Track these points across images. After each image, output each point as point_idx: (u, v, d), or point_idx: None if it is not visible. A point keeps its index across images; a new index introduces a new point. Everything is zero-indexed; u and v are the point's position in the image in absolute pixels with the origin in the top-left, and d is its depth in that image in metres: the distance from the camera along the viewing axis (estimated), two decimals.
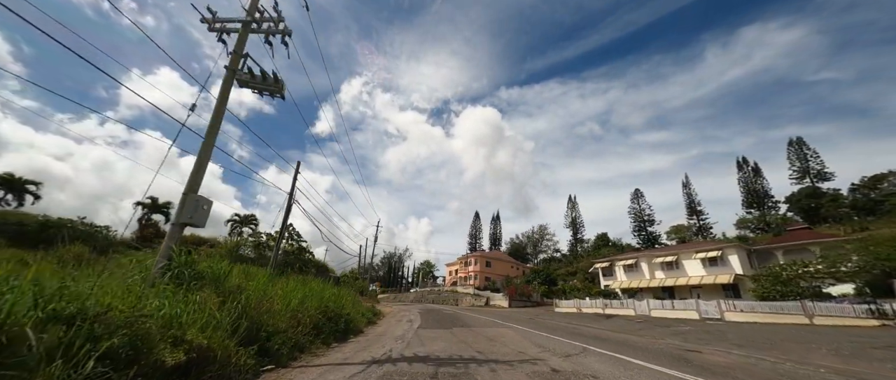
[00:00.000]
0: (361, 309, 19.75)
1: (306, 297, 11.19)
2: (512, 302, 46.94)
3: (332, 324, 11.72)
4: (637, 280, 38.52)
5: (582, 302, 36.64)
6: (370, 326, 17.00)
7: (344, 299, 14.85)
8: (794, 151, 68.62)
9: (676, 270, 36.07)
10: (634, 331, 18.00)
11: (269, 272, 15.89)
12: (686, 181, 78.71)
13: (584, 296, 40.80)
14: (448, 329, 15.23)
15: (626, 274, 40.45)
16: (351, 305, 16.74)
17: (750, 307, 24.09)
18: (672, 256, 36.36)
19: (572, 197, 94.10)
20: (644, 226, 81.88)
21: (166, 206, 27.93)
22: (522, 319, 23.68)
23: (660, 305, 29.45)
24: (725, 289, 32.12)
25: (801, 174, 66.87)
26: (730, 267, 32.11)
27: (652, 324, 22.50)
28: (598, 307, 34.31)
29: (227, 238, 24.53)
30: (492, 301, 50.52)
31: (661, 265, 37.61)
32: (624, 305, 32.31)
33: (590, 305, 35.36)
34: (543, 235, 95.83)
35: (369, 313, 19.84)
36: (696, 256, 34.19)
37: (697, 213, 75.68)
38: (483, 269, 65.26)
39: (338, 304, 13.42)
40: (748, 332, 17.50)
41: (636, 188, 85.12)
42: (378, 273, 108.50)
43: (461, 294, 57.11)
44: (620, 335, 15.43)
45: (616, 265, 41.88)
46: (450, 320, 20.01)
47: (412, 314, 24.83)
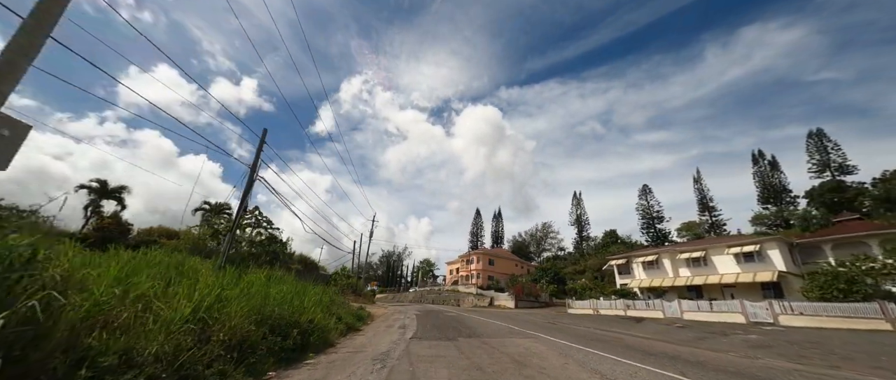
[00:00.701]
0: (344, 312, 15.64)
1: (231, 299, 7.06)
2: (518, 302, 42.78)
3: (279, 338, 7.61)
4: (659, 278, 34.35)
5: (599, 303, 32.46)
6: (350, 335, 12.86)
7: (308, 301, 10.72)
8: (813, 143, 64.40)
9: (705, 268, 31.92)
10: (691, 341, 13.85)
11: (218, 266, 11.82)
12: (697, 176, 74.68)
13: (599, 296, 36.67)
14: (452, 341, 11.09)
15: (646, 272, 36.27)
16: (323, 307, 12.62)
17: (812, 310, 19.92)
18: (700, 252, 32.22)
19: (577, 194, 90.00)
20: (653, 223, 77.75)
21: (120, 191, 23.56)
22: (540, 323, 19.53)
23: (693, 306, 25.27)
24: (765, 288, 27.97)
25: (820, 168, 62.64)
26: (770, 263, 27.95)
27: (697, 330, 18.36)
28: (619, 309, 30.13)
29: (189, 229, 20.50)
30: (496, 301, 46.36)
31: (687, 262, 33.45)
32: (649, 306, 28.14)
33: (609, 306, 31.18)
34: (547, 232, 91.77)
35: (352, 318, 15.70)
36: (730, 252, 30.04)
37: (710, 209, 71.55)
38: (486, 267, 61.10)
39: (294, 307, 9.31)
40: (836, 341, 13.35)
41: (645, 184, 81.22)
42: (376, 272, 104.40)
43: (463, 294, 52.93)
44: (685, 348, 11.29)
45: (634, 262, 37.71)
46: (453, 326, 15.88)
47: (407, 317, 20.71)
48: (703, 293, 31.55)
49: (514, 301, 42.75)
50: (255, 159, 15.28)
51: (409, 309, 31.83)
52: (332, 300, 16.39)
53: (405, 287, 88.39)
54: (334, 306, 15.36)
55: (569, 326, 18.64)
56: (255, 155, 15.39)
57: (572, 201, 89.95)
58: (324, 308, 13.00)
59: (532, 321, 20.69)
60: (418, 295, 64.92)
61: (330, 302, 15.45)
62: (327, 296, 15.41)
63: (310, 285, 17.73)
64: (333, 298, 17.31)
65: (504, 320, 21.18)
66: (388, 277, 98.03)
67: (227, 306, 6.71)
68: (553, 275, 49.20)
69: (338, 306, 16.77)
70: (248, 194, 14.59)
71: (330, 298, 15.74)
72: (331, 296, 16.80)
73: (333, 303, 16.41)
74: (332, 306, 15.02)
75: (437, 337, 11.95)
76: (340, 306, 17.20)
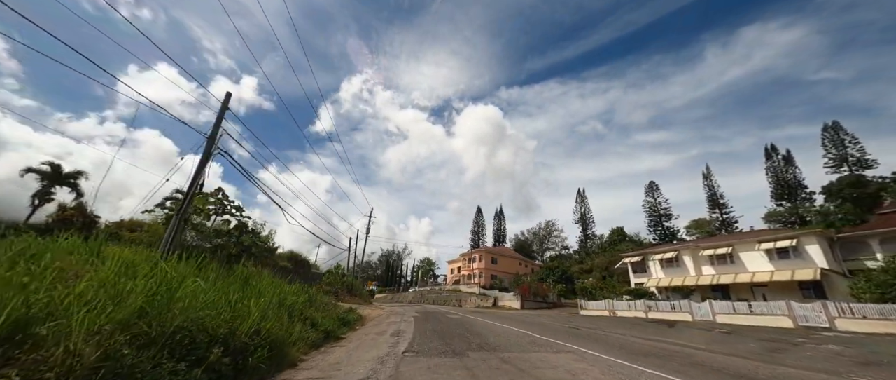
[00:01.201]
0: (324, 316, 12.62)
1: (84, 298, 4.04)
2: (524, 303, 39.72)
3: (184, 364, 4.59)
4: (680, 277, 31.29)
5: (615, 303, 29.41)
6: (326, 347, 9.83)
7: (261, 302, 7.68)
8: (829, 137, 61.33)
9: (732, 265, 28.85)
10: (762, 353, 10.80)
11: (159, 258, 8.81)
12: (707, 172, 71.60)
13: (613, 296, 33.63)
14: (459, 357, 8.05)
15: (665, 270, 33.22)
16: (289, 311, 9.63)
17: (877, 312, 16.87)
18: (725, 248, 29.16)
19: (581, 191, 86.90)
20: (660, 220, 74.68)
21: (75, 176, 20.42)
22: (560, 329, 16.49)
23: (727, 307, 22.22)
24: (803, 288, 24.90)
25: (837, 162, 59.56)
26: (809, 260, 24.88)
27: (747, 336, 15.33)
28: (639, 310, 27.06)
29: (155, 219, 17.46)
30: (500, 302, 43.29)
31: (711, 259, 30.39)
32: (675, 307, 25.07)
33: (627, 307, 28.12)
34: (551, 231, 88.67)
35: (335, 323, 12.65)
36: (761, 247, 26.97)
37: (720, 206, 68.48)
38: (488, 266, 58.02)
39: (236, 312, 6.30)
40: None
41: (651, 181, 77.99)
42: (376, 272, 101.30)
43: (465, 294, 49.85)
44: (766, 367, 8.26)
45: (651, 260, 34.65)
46: (458, 333, 12.84)
47: (404, 321, 17.68)
48: (730, 293, 28.49)
49: (521, 302, 39.69)
50: (214, 127, 12.27)
51: (407, 310, 28.80)
52: (310, 301, 13.37)
53: (405, 287, 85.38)
54: (311, 309, 12.34)
55: (596, 332, 15.57)
56: (216, 122, 12.39)
57: (576, 199, 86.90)
58: (292, 312, 9.99)
59: (549, 326, 17.63)
60: (418, 295, 61.86)
61: (306, 304, 12.44)
62: (303, 296, 12.38)
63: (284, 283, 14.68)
64: (315, 298, 14.29)
65: (516, 323, 18.13)
66: (387, 276, 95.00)
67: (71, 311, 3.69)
68: (561, 274, 46.11)
69: (319, 308, 13.77)
70: (203, 169, 11.58)
71: (307, 298, 12.70)
72: (309, 296, 13.78)
73: (312, 304, 13.41)
74: (309, 309, 12.01)
75: (439, 351, 8.92)
76: (323, 309, 14.19)
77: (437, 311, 29.05)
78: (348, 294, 39.70)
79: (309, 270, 36.25)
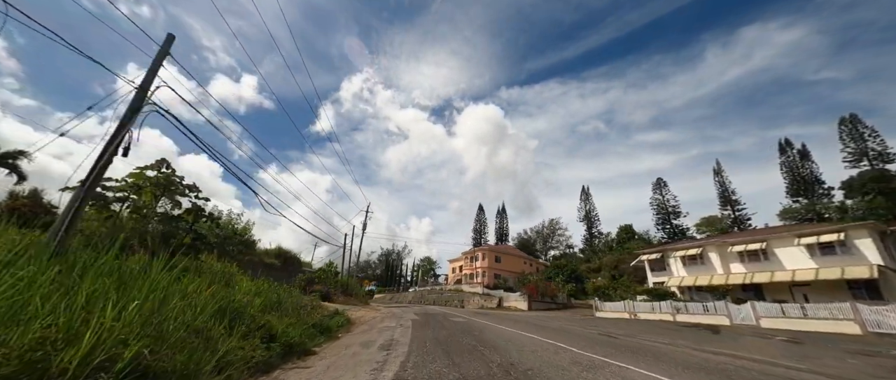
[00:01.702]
0: (289, 322, 9.55)
1: None
2: (532, 303, 36.65)
3: None
4: (705, 276, 28.21)
5: (636, 305, 26.33)
6: (281, 370, 6.77)
7: (104, 312, 4.61)
8: (847, 130, 58.21)
9: (766, 262, 25.77)
10: (885, 373, 7.75)
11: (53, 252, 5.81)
12: (718, 168, 68.53)
13: (630, 296, 30.57)
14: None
15: (687, 268, 30.13)
16: (207, 322, 6.61)
17: None
18: (758, 243, 26.08)
19: (585, 188, 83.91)
20: (668, 218, 71.57)
21: (14, 157, 17.18)
22: (589, 337, 13.44)
23: (773, 310, 19.15)
24: (853, 288, 21.82)
25: (856, 157, 56.46)
26: (860, 256, 21.80)
27: (816, 345, 12.28)
28: (665, 313, 23.99)
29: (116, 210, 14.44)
30: (506, 302, 40.22)
31: (741, 256, 27.31)
32: (707, 309, 21.99)
33: (650, 309, 25.04)
34: (554, 229, 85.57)
35: (305, 333, 9.57)
36: (802, 242, 23.89)
37: (732, 203, 65.40)
38: (492, 264, 54.91)
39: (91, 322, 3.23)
40: None
41: (659, 178, 74.93)
42: (375, 271, 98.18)
43: (467, 294, 46.77)
44: None
45: (671, 257, 31.55)
46: (467, 344, 9.77)
47: (401, 325, 14.60)
48: (764, 294, 25.40)
49: (528, 302, 36.60)
50: (148, 72, 9.24)
51: (406, 312, 25.74)
52: (275, 303, 10.34)
53: (405, 287, 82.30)
54: (273, 315, 9.30)
55: (635, 340, 12.50)
56: (150, 67, 9.36)
57: (581, 197, 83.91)
58: (238, 319, 6.97)
59: (575, 333, 14.56)
60: (418, 295, 58.77)
61: (266, 306, 9.41)
62: (259, 298, 9.34)
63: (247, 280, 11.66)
64: (284, 299, 11.23)
65: (534, 329, 15.06)
66: (387, 276, 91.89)
67: None
68: (570, 273, 42.99)
69: (289, 311, 10.72)
70: (125, 128, 8.54)
71: (265, 300, 9.65)
72: (278, 297, 10.75)
73: (278, 308, 10.36)
74: (267, 315, 8.97)
75: (445, 377, 5.86)
76: (295, 312, 11.15)
77: (439, 313, 25.98)
78: (343, 294, 36.64)
79: (299, 267, 33.20)
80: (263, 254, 29.58)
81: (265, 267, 29.24)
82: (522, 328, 15.17)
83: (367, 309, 27.63)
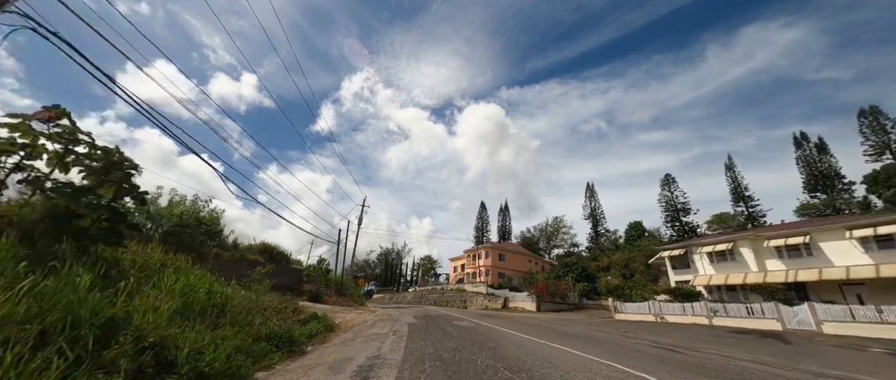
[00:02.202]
0: (233, 332, 6.45)
1: None
2: (541, 304, 33.48)
3: None
4: (738, 273, 25.03)
5: (663, 306, 23.19)
6: None
7: None
8: (867, 123, 55.00)
9: (810, 258, 22.59)
10: None
11: None
12: (730, 163, 65.30)
13: (651, 296, 27.45)
14: None
15: (715, 265, 26.94)
16: None
17: None
18: (800, 237, 22.92)
19: (590, 185, 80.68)
20: (677, 215, 68.29)
21: None
22: (636, 349, 10.30)
23: (839, 312, 15.99)
24: None
25: (879, 149, 53.28)
26: None
27: None
28: (700, 315, 20.85)
29: None
30: (512, 302, 37.04)
31: (779, 251, 24.15)
32: (752, 312, 18.85)
33: (681, 311, 21.90)
34: (559, 227, 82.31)
35: (243, 352, 6.45)
36: (854, 235, 20.76)
37: (745, 199, 62.14)
38: (496, 263, 51.72)
39: None
40: None
41: (667, 174, 71.75)
42: (374, 271, 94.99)
43: (470, 294, 43.59)
44: None
45: (696, 253, 28.35)
46: (483, 363, 6.66)
47: (394, 332, 11.49)
48: (809, 293, 22.24)
49: (537, 303, 33.43)
50: None
51: (403, 314, 22.62)
52: (213, 306, 7.26)
53: (404, 287, 79.21)
54: (199, 326, 6.19)
55: (712, 357, 9.34)
56: None
57: (585, 194, 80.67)
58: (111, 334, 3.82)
59: (615, 343, 11.42)
60: (418, 295, 55.61)
61: (184, 311, 6.31)
62: (174, 301, 6.25)
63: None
64: (229, 300, 8.12)
65: (555, 337, 11.94)
66: (386, 276, 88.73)
67: None
68: (581, 271, 39.78)
69: (234, 318, 7.62)
70: None
71: (182, 303, 6.54)
72: (208, 298, 7.65)
73: (222, 312, 7.26)
74: (196, 323, 5.86)
75: None
76: (242, 317, 8.04)
77: (441, 315, 22.86)
78: (337, 294, 33.55)
79: (287, 266, 30.04)
80: (246, 250, 26.46)
81: (249, 264, 26.23)
82: (547, 337, 12.02)
83: (360, 311, 24.51)
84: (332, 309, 20.73)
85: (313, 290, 27.39)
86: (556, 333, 13.76)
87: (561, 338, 11.88)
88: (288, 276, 30.09)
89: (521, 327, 15.94)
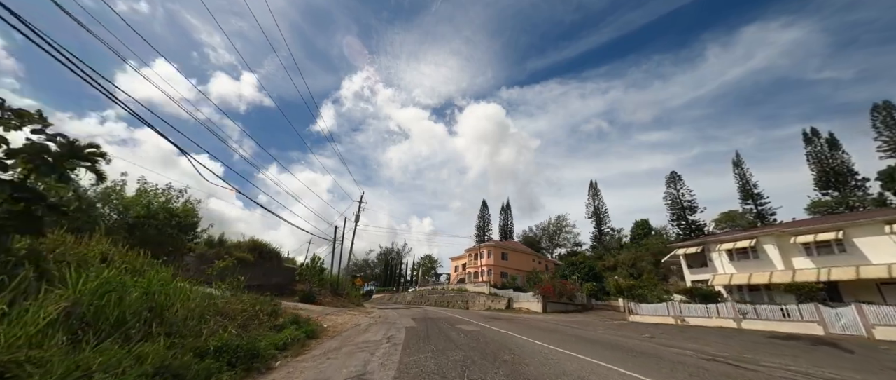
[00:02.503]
0: (180, 342, 4.58)
1: None
2: (548, 305, 31.61)
3: None
4: (762, 272, 23.12)
5: (683, 307, 21.32)
6: None
7: None
8: (881, 117, 53.08)
9: (844, 255, 20.68)
10: None
11: None
12: (738, 160, 63.47)
13: (666, 296, 25.62)
14: None
15: (736, 263, 25.05)
16: None
17: None
18: (832, 232, 21.05)
19: (593, 183, 78.72)
20: (683, 213, 66.33)
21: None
22: (677, 360, 8.44)
23: (894, 315, 14.11)
24: None
25: (893, 145, 51.33)
26: None
27: None
28: (726, 318, 18.99)
29: None
30: (516, 303, 35.18)
31: (806, 247, 22.27)
32: (787, 314, 16.96)
33: (704, 313, 20.04)
34: (561, 226, 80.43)
35: (174, 373, 4.59)
36: (895, 230, 18.88)
37: (754, 197, 60.22)
38: (498, 262, 49.83)
39: None
40: None
41: (673, 171, 70.08)
42: (374, 271, 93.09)
43: (472, 294, 41.73)
44: None
45: (715, 251, 26.45)
46: None
47: (388, 340, 9.62)
48: (841, 293, 20.37)
49: (543, 303, 31.56)
50: None
51: (401, 317, 20.79)
52: (152, 309, 5.37)
53: (404, 287, 77.37)
54: (143, 328, 4.30)
55: (777, 373, 7.49)
56: None
57: (589, 192, 78.72)
58: None
59: (654, 354, 9.54)
60: (418, 295, 53.74)
61: (94, 316, 4.40)
62: (53, 307, 4.36)
63: None
64: (173, 301, 6.28)
65: (587, 346, 10.07)
66: (386, 276, 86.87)
67: None
68: (588, 270, 37.89)
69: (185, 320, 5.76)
70: None
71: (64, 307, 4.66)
72: (144, 299, 5.77)
73: (160, 318, 5.39)
74: (135, 326, 3.97)
75: None
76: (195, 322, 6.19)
77: (442, 317, 21.03)
78: (333, 294, 31.67)
79: (279, 264, 28.22)
80: (234, 247, 24.66)
81: (236, 262, 24.33)
82: (568, 345, 10.15)
83: (355, 312, 22.64)
84: (324, 311, 18.89)
85: (306, 290, 25.54)
86: (576, 339, 11.89)
87: (586, 347, 10.00)
88: (280, 275, 28.24)
89: (533, 331, 14.07)
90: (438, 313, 24.97)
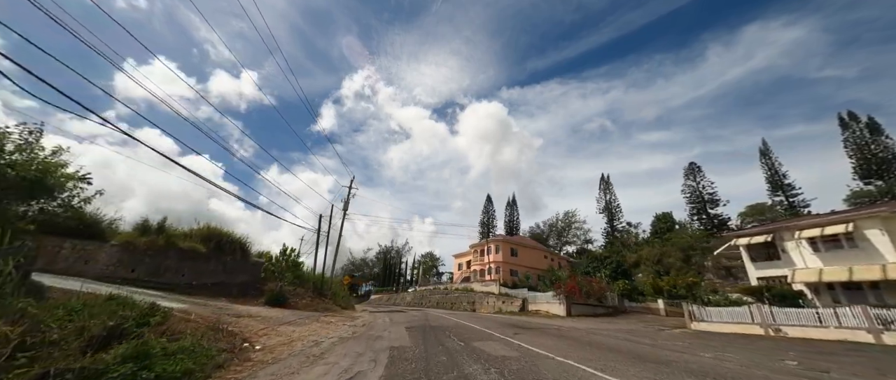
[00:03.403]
0: None
1: None
2: (571, 307, 25.89)
3: None
4: (867, 266, 17.37)
5: (779, 314, 15.57)
6: None
7: None
8: None
9: None
10: None
11: None
12: (765, 148, 57.65)
13: (722, 297, 19.96)
14: None
15: (824, 254, 19.31)
16: None
17: None
18: None
19: (605, 177, 73.00)
20: (704, 207, 60.58)
21: None
22: None
23: None
24: None
25: None
26: None
27: None
28: (857, 329, 13.24)
29: None
30: (532, 304, 29.46)
31: None
32: None
33: (814, 320, 14.28)
34: (570, 222, 74.65)
35: None
36: None
37: (784, 187, 54.40)
38: (507, 258, 44.07)
39: None
40: None
41: (692, 162, 64.26)
42: (372, 270, 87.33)
43: (480, 294, 36.03)
44: None
45: (789, 240, 20.72)
46: None
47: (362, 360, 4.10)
48: None
49: (566, 306, 25.84)
50: None
51: (394, 324, 15.15)
52: None
53: (404, 287, 71.60)
54: None
55: None
56: None
57: (600, 186, 72.93)
58: None
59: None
60: (418, 296, 48.04)
61: None
62: None
63: None
64: None
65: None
66: (385, 275, 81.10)
67: None
68: (616, 266, 32.09)
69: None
70: None
71: None
72: None
73: None
74: None
75: None
76: None
77: (447, 324, 15.37)
78: (316, 295, 25.98)
79: (244, 258, 22.50)
80: (179, 236, 18.99)
81: (180, 255, 18.71)
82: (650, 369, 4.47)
83: (333, 319, 16.93)
84: (282, 318, 13.24)
85: (274, 290, 19.88)
86: (688, 373, 6.22)
87: None
88: (246, 272, 22.56)
89: (593, 350, 8.40)
90: (442, 319, 19.32)
